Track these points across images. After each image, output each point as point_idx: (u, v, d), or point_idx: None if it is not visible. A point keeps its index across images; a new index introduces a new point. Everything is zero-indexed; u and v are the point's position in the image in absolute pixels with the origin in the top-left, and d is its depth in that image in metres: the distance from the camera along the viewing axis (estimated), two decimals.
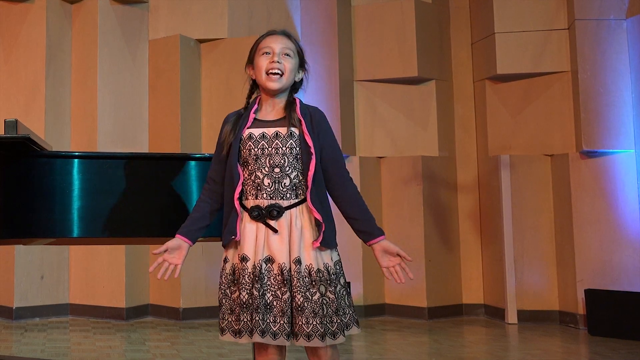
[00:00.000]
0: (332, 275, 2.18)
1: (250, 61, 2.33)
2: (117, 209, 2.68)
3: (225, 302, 2.23)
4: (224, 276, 2.25)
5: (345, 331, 2.18)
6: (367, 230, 2.24)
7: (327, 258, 2.20)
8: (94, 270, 5.80)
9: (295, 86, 2.33)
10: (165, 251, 2.25)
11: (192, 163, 2.82)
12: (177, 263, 2.25)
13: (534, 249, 5.78)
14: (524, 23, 5.88)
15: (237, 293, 2.19)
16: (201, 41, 6.14)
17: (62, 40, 6.05)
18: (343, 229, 2.35)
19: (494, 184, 5.93)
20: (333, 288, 2.17)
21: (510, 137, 6.04)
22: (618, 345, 4.81)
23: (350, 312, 2.22)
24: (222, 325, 2.23)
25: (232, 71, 5.98)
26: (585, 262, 5.44)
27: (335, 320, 2.15)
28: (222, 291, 2.24)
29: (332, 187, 2.26)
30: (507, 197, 5.79)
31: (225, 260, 2.26)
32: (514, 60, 5.89)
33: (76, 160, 2.67)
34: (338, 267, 2.22)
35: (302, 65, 2.33)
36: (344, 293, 2.21)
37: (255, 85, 2.35)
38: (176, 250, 2.26)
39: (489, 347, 4.94)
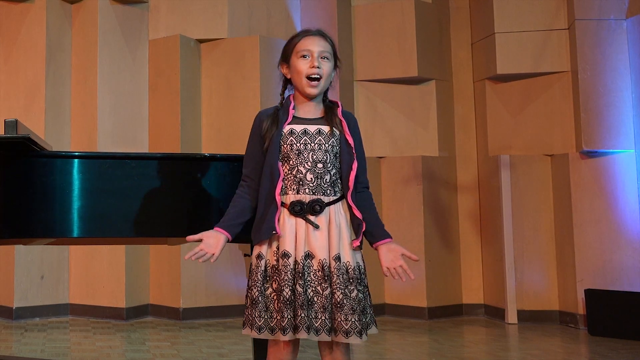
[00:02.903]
0: (362, 275, 2.23)
1: (286, 60, 2.34)
2: (117, 209, 2.68)
3: (262, 299, 2.18)
4: (259, 273, 2.20)
5: (367, 330, 2.21)
6: (376, 232, 2.28)
7: (359, 257, 2.25)
8: (94, 270, 5.79)
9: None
10: (201, 241, 2.19)
11: (193, 163, 2.82)
12: (213, 252, 2.18)
13: (534, 249, 5.78)
14: (524, 23, 5.88)
15: (275, 289, 2.16)
16: (201, 41, 6.14)
17: (62, 40, 6.05)
18: None
19: (494, 184, 5.93)
20: (362, 287, 2.21)
21: (510, 137, 6.04)
22: (618, 345, 4.81)
23: (371, 312, 2.25)
24: (260, 324, 2.17)
25: (232, 71, 5.98)
26: (585, 262, 5.44)
27: (361, 319, 2.18)
28: (257, 288, 2.19)
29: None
30: (507, 197, 5.79)
31: (260, 257, 2.22)
32: (514, 60, 5.89)
33: (76, 160, 2.67)
34: (364, 267, 2.26)
35: (335, 64, 2.36)
36: (368, 293, 2.25)
37: (287, 82, 2.36)
38: (212, 240, 2.19)
39: (489, 347, 4.94)
